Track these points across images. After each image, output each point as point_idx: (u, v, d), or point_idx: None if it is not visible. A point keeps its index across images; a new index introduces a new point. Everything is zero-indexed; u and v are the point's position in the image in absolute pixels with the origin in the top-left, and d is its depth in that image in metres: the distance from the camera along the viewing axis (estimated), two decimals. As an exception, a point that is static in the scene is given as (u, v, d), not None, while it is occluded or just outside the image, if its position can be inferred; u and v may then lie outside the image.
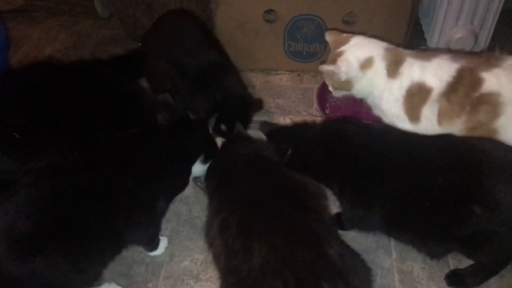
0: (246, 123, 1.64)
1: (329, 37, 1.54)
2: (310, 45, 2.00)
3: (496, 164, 1.14)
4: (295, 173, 1.21)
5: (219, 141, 1.56)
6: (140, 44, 1.98)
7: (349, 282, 0.96)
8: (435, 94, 1.35)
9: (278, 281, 0.94)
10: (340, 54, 1.45)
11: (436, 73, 1.36)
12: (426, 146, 1.24)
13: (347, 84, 1.46)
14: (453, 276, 1.32)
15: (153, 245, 1.39)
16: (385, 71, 1.41)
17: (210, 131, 1.56)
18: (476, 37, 1.94)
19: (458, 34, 1.94)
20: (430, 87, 1.36)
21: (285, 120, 1.85)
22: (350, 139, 1.30)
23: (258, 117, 1.71)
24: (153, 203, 1.27)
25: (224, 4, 1.90)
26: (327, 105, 1.90)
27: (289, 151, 1.35)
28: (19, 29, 2.34)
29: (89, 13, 2.41)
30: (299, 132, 1.43)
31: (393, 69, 1.40)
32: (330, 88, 1.55)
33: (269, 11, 1.92)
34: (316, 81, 2.01)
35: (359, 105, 1.81)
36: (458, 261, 1.35)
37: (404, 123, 1.42)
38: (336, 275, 0.96)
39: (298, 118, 1.86)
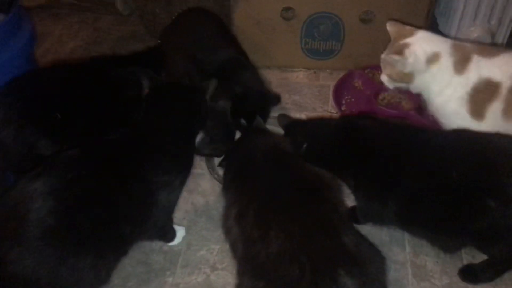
0: (264, 117, 1.67)
1: (390, 27, 1.53)
2: (327, 43, 2.02)
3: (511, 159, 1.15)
4: (312, 165, 1.24)
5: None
6: (159, 41, 2.02)
7: (364, 269, 0.98)
8: (502, 90, 1.34)
9: (295, 266, 0.96)
10: (406, 46, 1.43)
11: (503, 68, 1.35)
12: (442, 140, 1.26)
13: (408, 76, 1.45)
14: (466, 271, 1.33)
15: (169, 237, 1.41)
16: (451, 67, 1.40)
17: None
18: (493, 36, 1.95)
19: (475, 33, 1.94)
20: (497, 83, 1.35)
21: (301, 117, 1.87)
22: (366, 133, 1.32)
23: (274, 113, 1.73)
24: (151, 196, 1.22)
25: (242, 1, 1.93)
26: (343, 102, 1.92)
27: (305, 145, 1.37)
28: (42, 24, 2.40)
29: (110, 10, 2.46)
30: (315, 126, 1.45)
31: (460, 65, 1.39)
32: (383, 78, 1.53)
33: (287, 9, 1.95)
34: (332, 78, 2.04)
35: (375, 102, 1.83)
36: (472, 256, 1.36)
37: (463, 121, 1.40)
38: (352, 262, 0.98)
39: (314, 115, 1.88)
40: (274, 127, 1.59)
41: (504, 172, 1.13)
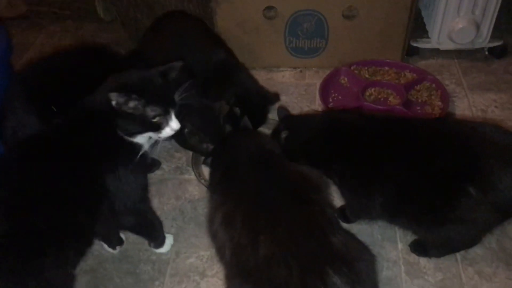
0: (265, 116, 1.68)
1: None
2: (311, 41, 2.00)
3: (494, 147, 1.14)
4: (298, 165, 1.21)
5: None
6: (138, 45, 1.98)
7: (353, 268, 0.96)
8: None
9: (283, 269, 0.95)
10: None
11: None
12: (426, 129, 1.25)
13: None
14: (417, 246, 1.36)
15: (154, 235, 1.38)
16: None
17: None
18: (478, 27, 1.93)
19: (459, 24, 1.93)
20: None
21: (288, 116, 1.85)
22: (349, 126, 1.31)
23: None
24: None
25: (224, 2, 1.90)
26: (330, 100, 1.90)
27: (284, 134, 1.37)
28: (22, 35, 2.37)
29: (92, 17, 2.42)
30: (300, 118, 1.46)
31: None
32: None
33: (269, 8, 1.93)
34: (319, 77, 2.02)
35: (362, 98, 1.81)
36: (465, 251, 1.35)
37: None
38: (341, 261, 0.96)
39: (301, 114, 1.86)
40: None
41: (487, 160, 1.13)
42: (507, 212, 1.19)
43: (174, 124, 1.19)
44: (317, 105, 1.90)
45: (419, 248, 1.35)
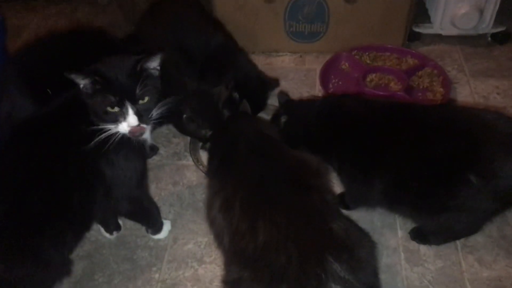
0: (264, 102, 1.66)
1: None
2: (312, 25, 1.97)
3: (496, 135, 1.13)
4: (297, 150, 1.19)
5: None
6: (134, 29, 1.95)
7: (354, 254, 0.95)
8: None
9: (282, 255, 0.93)
10: None
11: None
12: (427, 116, 1.23)
13: None
14: (416, 232, 1.35)
15: (157, 226, 1.38)
16: None
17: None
18: (481, 12, 1.90)
19: (462, 9, 1.89)
20: None
21: (287, 102, 1.83)
22: (349, 112, 1.29)
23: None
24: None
25: (223, -15, 1.87)
26: (330, 85, 1.88)
27: (284, 119, 1.35)
28: (17, 18, 2.34)
29: (88, 0, 2.39)
30: (300, 103, 1.44)
31: None
32: None
33: (269, -9, 1.89)
34: (319, 62, 1.98)
35: (363, 84, 1.79)
36: (465, 239, 1.34)
37: None
38: (341, 247, 0.95)
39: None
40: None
41: (488, 147, 1.11)
42: (508, 200, 1.17)
43: (131, 119, 1.09)
44: (317, 91, 1.87)
45: (419, 235, 1.34)
